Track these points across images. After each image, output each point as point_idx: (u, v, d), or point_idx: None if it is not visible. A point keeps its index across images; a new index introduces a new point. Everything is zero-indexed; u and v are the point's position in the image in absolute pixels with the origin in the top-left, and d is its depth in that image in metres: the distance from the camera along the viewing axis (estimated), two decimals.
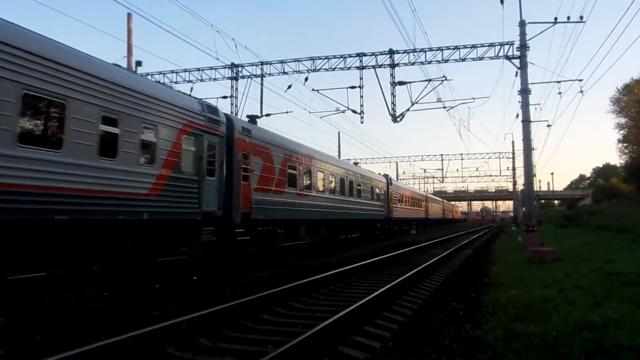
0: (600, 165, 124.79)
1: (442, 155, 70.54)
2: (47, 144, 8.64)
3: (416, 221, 50.18)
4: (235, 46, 24.46)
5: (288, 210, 18.25)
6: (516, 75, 23.08)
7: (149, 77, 26.91)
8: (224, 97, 27.91)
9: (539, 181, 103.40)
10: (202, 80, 27.90)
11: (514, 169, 64.74)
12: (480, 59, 24.15)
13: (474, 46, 24.18)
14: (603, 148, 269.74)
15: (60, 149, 8.82)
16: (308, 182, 20.88)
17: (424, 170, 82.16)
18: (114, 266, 10.75)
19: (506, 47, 23.42)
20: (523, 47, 22.28)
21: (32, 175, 8.26)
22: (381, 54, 25.33)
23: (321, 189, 22.33)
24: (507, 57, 23.29)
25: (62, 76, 8.93)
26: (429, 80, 25.28)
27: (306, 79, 26.24)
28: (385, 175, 37.81)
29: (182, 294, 9.61)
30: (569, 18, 21.40)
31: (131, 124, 10.58)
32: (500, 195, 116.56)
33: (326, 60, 25.92)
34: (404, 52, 25.04)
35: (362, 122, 27.27)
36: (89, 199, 9.37)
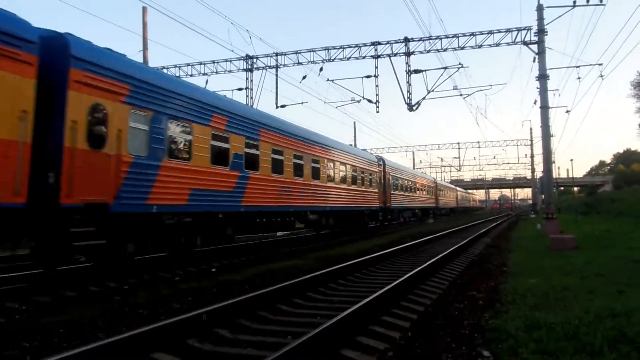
0: (621, 151, 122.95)
1: (459, 143, 70.29)
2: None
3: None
4: (250, 37, 24.68)
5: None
6: (534, 60, 22.81)
7: (165, 70, 27.06)
8: (239, 89, 28.03)
9: (558, 168, 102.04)
10: (217, 72, 28.04)
11: (532, 156, 64.07)
12: (497, 45, 23.88)
13: (490, 32, 23.88)
14: (624, 133, 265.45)
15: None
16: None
17: (441, 159, 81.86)
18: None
19: (523, 32, 23.12)
20: (541, 32, 21.95)
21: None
22: (396, 42, 25.17)
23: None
24: (525, 43, 22.97)
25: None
26: (445, 68, 25.12)
27: (321, 69, 26.27)
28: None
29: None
30: (588, 1, 21.04)
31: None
32: (518, 183, 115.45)
33: (341, 49, 25.84)
34: (419, 40, 24.87)
35: (377, 112, 27.22)
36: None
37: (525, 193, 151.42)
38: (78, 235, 9.26)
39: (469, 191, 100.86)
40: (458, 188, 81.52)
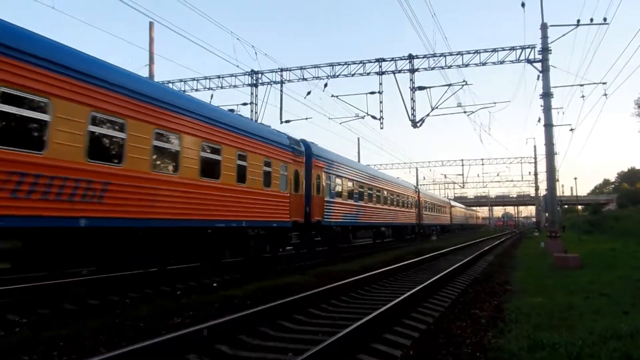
0: (626, 170, 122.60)
1: (462, 160, 70.32)
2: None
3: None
4: (255, 53, 24.74)
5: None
6: (538, 78, 22.82)
7: (170, 84, 27.27)
8: (244, 104, 28.15)
9: (562, 186, 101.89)
10: (222, 87, 28.19)
11: (536, 174, 63.94)
12: (501, 62, 23.97)
13: (494, 50, 23.99)
14: (628, 152, 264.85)
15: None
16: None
17: (445, 175, 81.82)
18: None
19: (527, 50, 23.22)
20: (545, 50, 22.02)
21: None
22: (401, 59, 25.30)
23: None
24: (529, 61, 23.06)
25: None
26: (449, 85, 25.19)
27: (325, 85, 26.37)
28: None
29: None
30: (592, 20, 21.12)
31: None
32: (522, 200, 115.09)
33: (345, 66, 25.98)
34: (423, 57, 24.99)
35: (381, 128, 27.82)
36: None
37: (529, 211, 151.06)
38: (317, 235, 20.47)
39: (473, 209, 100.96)
40: (466, 207, 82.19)
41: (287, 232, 17.91)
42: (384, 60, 25.54)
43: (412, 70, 25.15)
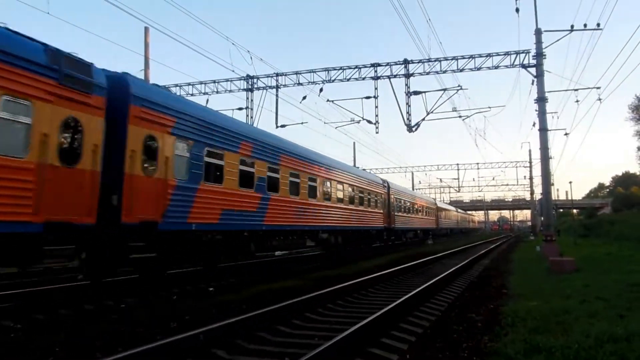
0: (620, 174, 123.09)
1: (458, 164, 70.45)
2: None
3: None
4: (251, 58, 24.87)
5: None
6: (532, 83, 22.99)
7: (166, 89, 27.25)
8: (240, 109, 28.18)
9: (557, 190, 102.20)
10: (217, 92, 28.22)
11: (531, 178, 64.25)
12: (496, 67, 24.11)
13: (489, 55, 24.14)
14: (622, 156, 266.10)
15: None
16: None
17: (440, 179, 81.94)
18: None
19: (522, 55, 23.38)
20: (539, 55, 22.18)
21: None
22: (396, 64, 25.40)
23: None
24: (523, 66, 23.21)
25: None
26: (444, 90, 25.30)
27: (321, 90, 26.41)
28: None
29: None
30: (585, 26, 21.29)
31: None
32: (517, 204, 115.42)
33: (341, 71, 26.07)
34: (418, 62, 25.10)
35: (377, 132, 27.33)
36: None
37: (524, 214, 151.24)
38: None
39: (468, 212, 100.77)
40: (458, 210, 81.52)
41: (383, 232, 23.22)
42: (379, 65, 25.64)
43: (408, 75, 25.26)
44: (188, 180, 12.02)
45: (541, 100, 22.05)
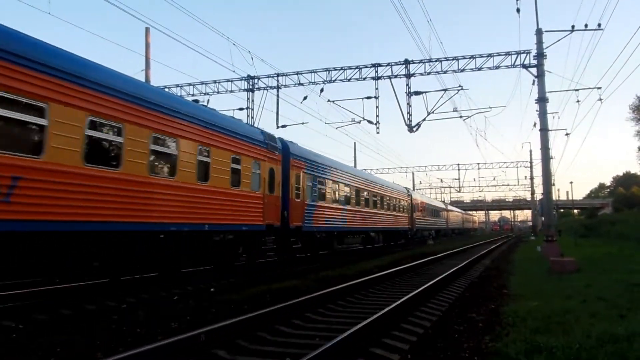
0: (621, 174, 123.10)
1: (458, 164, 70.46)
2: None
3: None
4: (252, 58, 24.93)
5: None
6: (533, 83, 22.98)
7: (166, 89, 27.26)
8: (240, 109, 28.18)
9: (558, 190, 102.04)
10: (218, 92, 28.20)
11: (532, 178, 64.11)
12: (497, 68, 24.09)
13: (490, 55, 24.12)
14: (623, 156, 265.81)
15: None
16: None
17: (441, 180, 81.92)
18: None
19: (523, 55, 23.35)
20: (540, 55, 22.16)
21: None
22: (397, 64, 25.39)
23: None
24: (524, 66, 23.19)
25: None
26: (445, 90, 25.27)
27: (322, 90, 26.41)
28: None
29: None
30: (586, 26, 21.26)
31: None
32: (518, 204, 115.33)
33: (342, 71, 26.05)
34: (419, 62, 25.09)
35: (377, 133, 27.32)
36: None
37: (525, 215, 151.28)
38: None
39: (470, 213, 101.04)
40: (461, 211, 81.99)
41: (407, 232, 27.05)
42: (380, 65, 25.63)
43: (408, 75, 25.24)
44: (312, 201, 19.78)
45: (542, 100, 22.04)
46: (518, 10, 22.61)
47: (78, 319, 8.39)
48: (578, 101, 26.34)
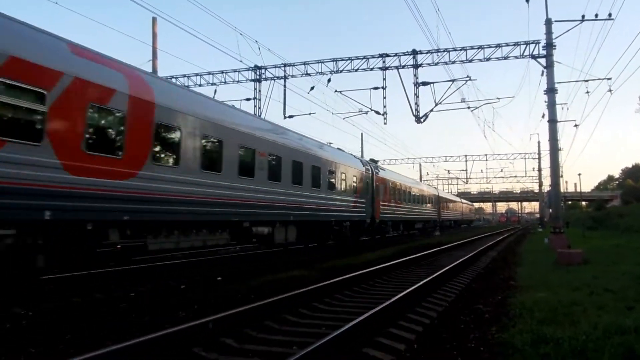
0: (630, 166, 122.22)
1: (466, 156, 70.23)
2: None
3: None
4: (259, 48, 24.74)
5: None
6: (542, 74, 22.82)
7: (174, 79, 27.29)
8: (247, 99, 28.18)
9: (566, 182, 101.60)
10: (225, 82, 28.20)
11: (539, 170, 63.75)
12: (505, 58, 23.91)
13: (498, 45, 23.93)
14: (632, 148, 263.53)
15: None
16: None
17: (448, 171, 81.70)
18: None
19: (532, 46, 23.16)
20: (549, 45, 21.97)
21: None
22: (404, 54, 25.27)
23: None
24: (533, 57, 23.00)
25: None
26: (453, 81, 25.15)
27: (329, 81, 26.37)
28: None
29: None
30: (596, 16, 21.04)
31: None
32: (525, 196, 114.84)
33: (349, 61, 25.96)
34: (427, 53, 24.95)
35: (385, 123, 27.24)
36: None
37: (532, 206, 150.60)
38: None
39: (465, 201, 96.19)
40: (463, 200, 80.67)
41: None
42: (387, 55, 25.51)
43: (416, 66, 25.12)
44: (385, 201, 28.90)
45: (551, 91, 21.87)
46: (527, 0, 22.39)
47: (87, 307, 8.47)
48: (587, 92, 26.09)
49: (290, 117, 28.43)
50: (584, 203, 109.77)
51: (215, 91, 28.10)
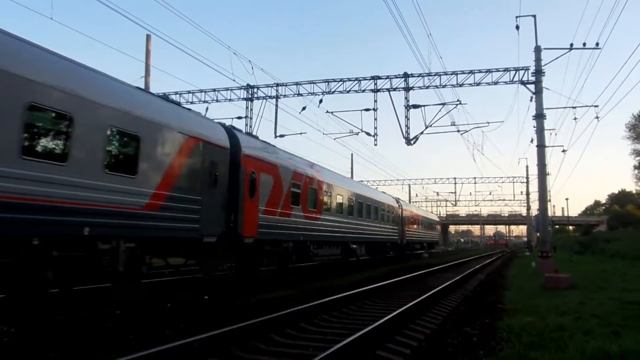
0: (616, 192, 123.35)
1: (455, 178, 70.67)
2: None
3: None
4: (252, 68, 24.79)
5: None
6: (531, 100, 23.08)
7: (168, 96, 27.25)
8: (239, 118, 28.20)
9: (554, 206, 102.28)
10: (217, 100, 28.20)
11: (527, 194, 64.21)
12: (495, 83, 24.20)
13: (489, 71, 24.25)
14: (619, 174, 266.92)
15: None
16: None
17: (437, 193, 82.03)
18: None
19: (521, 72, 23.48)
20: (538, 72, 22.31)
21: None
22: (396, 77, 25.50)
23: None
24: (522, 82, 23.33)
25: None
26: (444, 104, 25.36)
27: (321, 101, 26.46)
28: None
29: None
30: (584, 44, 21.46)
31: None
32: (513, 219, 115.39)
33: (341, 82, 26.14)
34: (418, 76, 25.19)
35: (375, 145, 27.40)
36: None
37: (520, 230, 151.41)
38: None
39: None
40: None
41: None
42: (379, 77, 25.75)
43: (407, 89, 25.34)
44: (406, 226, 36.66)
45: (540, 116, 22.16)
46: (517, 27, 22.78)
47: (70, 325, 8.32)
48: (575, 118, 26.45)
49: (281, 136, 28.50)
50: (571, 227, 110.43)
51: (207, 109, 28.15)
